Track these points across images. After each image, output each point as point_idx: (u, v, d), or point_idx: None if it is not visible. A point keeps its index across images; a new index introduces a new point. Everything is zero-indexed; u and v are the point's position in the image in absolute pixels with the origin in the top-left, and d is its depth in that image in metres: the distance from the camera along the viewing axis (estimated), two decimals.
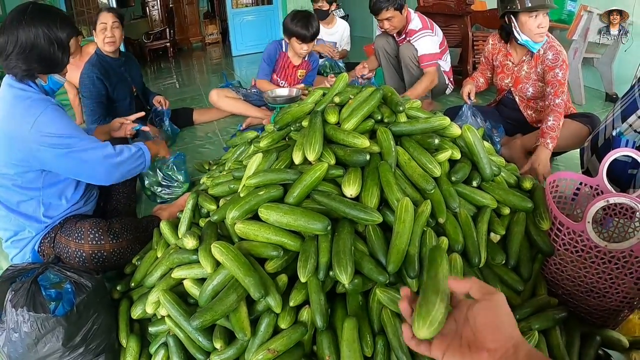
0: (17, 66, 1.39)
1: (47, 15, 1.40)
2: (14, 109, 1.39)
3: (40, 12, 1.40)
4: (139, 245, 1.64)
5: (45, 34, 1.38)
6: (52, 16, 1.41)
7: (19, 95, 1.41)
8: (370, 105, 1.42)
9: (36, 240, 1.60)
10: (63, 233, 1.57)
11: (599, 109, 3.60)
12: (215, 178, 1.67)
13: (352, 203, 1.14)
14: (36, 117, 1.37)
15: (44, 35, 1.38)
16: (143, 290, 1.41)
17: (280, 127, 1.60)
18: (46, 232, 1.60)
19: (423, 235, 1.17)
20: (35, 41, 1.38)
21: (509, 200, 1.38)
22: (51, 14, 1.42)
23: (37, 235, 1.59)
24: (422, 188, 1.26)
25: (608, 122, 1.79)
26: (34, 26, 1.37)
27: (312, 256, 1.11)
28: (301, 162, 1.34)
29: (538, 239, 1.33)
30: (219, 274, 1.15)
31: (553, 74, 2.21)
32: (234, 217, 1.22)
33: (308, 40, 2.92)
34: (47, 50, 1.41)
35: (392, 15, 2.87)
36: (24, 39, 1.36)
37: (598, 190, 1.45)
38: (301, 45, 2.96)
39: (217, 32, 10.26)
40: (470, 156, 1.41)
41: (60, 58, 1.46)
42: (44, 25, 1.38)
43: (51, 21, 1.40)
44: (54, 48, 1.42)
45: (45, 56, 1.42)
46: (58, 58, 1.45)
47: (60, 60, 1.46)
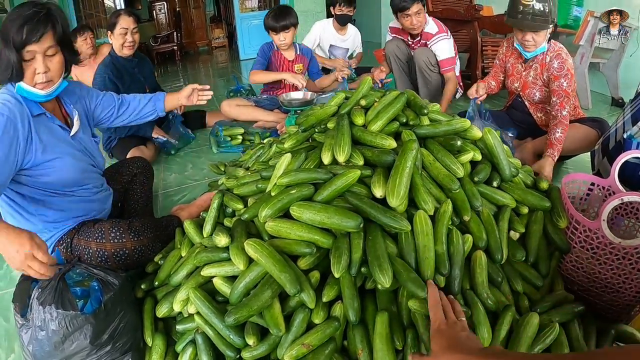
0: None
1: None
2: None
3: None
4: (160, 243, 1.63)
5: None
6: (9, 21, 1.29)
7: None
8: (395, 108, 1.48)
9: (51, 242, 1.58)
10: (81, 236, 1.57)
11: (605, 113, 3.65)
12: (240, 178, 1.71)
13: (383, 209, 1.19)
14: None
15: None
16: (168, 288, 1.41)
17: (305, 128, 1.65)
18: (60, 237, 1.59)
19: (449, 234, 1.23)
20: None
21: (528, 200, 1.43)
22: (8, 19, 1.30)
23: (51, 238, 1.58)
24: (448, 188, 1.31)
25: (619, 125, 1.85)
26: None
27: (345, 252, 1.14)
28: (330, 163, 1.39)
29: (555, 237, 1.38)
30: (252, 271, 1.17)
31: (558, 83, 2.27)
32: (266, 215, 1.25)
33: (279, 30, 3.10)
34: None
35: (419, 9, 2.95)
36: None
37: (610, 190, 1.50)
38: (276, 36, 3.14)
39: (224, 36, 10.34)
40: (490, 158, 1.47)
41: (6, 66, 1.31)
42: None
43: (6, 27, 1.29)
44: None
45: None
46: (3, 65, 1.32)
47: (10, 68, 1.31)
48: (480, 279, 1.19)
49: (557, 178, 2.35)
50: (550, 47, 2.33)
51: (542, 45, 2.30)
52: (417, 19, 2.97)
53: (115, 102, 1.85)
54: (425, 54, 3.06)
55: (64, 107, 1.61)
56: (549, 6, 2.18)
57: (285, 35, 3.13)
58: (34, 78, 1.36)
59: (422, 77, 3.16)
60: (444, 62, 3.03)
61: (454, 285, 1.16)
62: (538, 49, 2.31)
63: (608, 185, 1.51)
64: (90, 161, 1.64)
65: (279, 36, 3.13)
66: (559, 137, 2.20)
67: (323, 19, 4.35)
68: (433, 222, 1.23)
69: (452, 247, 1.20)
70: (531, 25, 2.24)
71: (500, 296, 1.23)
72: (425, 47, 3.11)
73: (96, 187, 1.68)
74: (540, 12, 2.19)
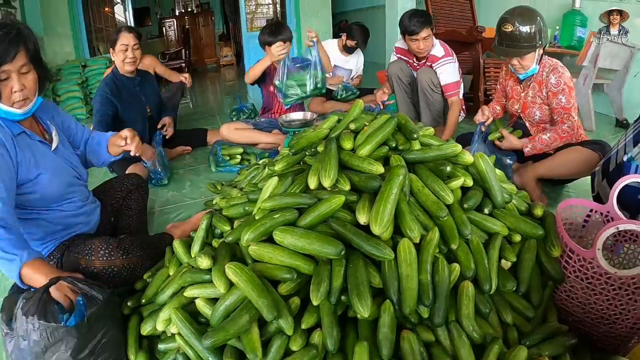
0: None
1: None
2: None
3: None
4: (149, 262, 1.63)
5: None
6: None
7: None
8: (385, 132, 1.46)
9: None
10: (71, 251, 1.56)
11: (609, 134, 3.61)
12: (230, 199, 1.71)
13: (366, 236, 1.17)
14: None
15: None
16: (154, 307, 1.41)
17: (296, 151, 1.64)
18: (50, 252, 1.58)
19: (435, 263, 1.20)
20: None
21: (520, 228, 1.40)
22: None
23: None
24: (435, 215, 1.28)
25: (620, 147, 1.81)
26: None
27: (325, 280, 1.13)
28: (316, 187, 1.37)
29: (549, 266, 1.34)
30: (232, 295, 1.16)
31: (557, 100, 2.25)
32: (248, 239, 1.25)
33: (284, 40, 3.04)
34: None
35: (428, 34, 2.94)
36: None
37: (609, 217, 1.46)
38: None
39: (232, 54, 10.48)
40: (482, 183, 1.44)
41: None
42: None
43: None
44: None
45: None
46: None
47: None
48: (466, 311, 1.16)
49: (558, 201, 2.33)
50: (545, 63, 2.32)
51: (532, 67, 2.29)
52: (425, 43, 2.97)
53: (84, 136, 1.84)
54: (428, 74, 3.04)
55: (40, 124, 1.61)
56: (534, 29, 2.18)
57: (285, 47, 3.07)
58: (11, 97, 1.36)
59: (425, 97, 3.13)
60: (448, 86, 3.01)
61: (438, 317, 1.13)
62: (529, 71, 2.31)
63: (607, 211, 1.47)
64: (75, 173, 1.65)
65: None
66: (545, 139, 2.23)
67: (329, 39, 4.38)
68: (419, 250, 1.20)
69: (437, 276, 1.17)
70: (509, 51, 2.26)
71: (488, 328, 1.19)
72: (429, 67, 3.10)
73: (81, 201, 1.68)
74: (525, 36, 2.19)
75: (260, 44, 3.17)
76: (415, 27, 2.90)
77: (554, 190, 2.46)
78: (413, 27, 2.91)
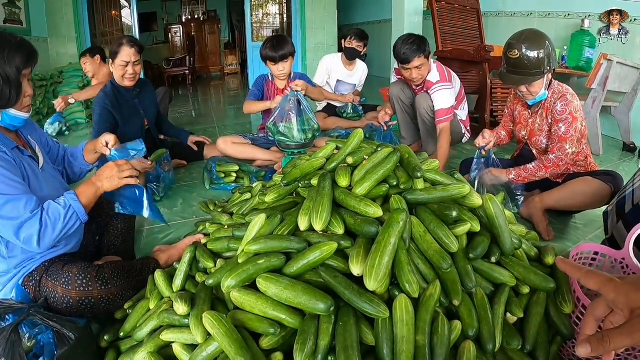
0: None
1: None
2: None
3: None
4: (131, 291, 1.55)
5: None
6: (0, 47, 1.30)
7: None
8: (385, 170, 1.34)
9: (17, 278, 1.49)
10: (50, 277, 1.47)
11: (616, 158, 3.54)
12: (216, 232, 1.60)
13: (359, 291, 1.05)
14: None
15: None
16: (132, 342, 1.34)
17: (288, 182, 1.53)
18: (29, 273, 1.50)
19: (435, 321, 1.07)
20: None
21: (530, 279, 1.27)
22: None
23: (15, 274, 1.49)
24: (438, 266, 1.17)
25: (637, 186, 1.69)
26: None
27: (311, 338, 1.01)
28: (307, 229, 1.26)
29: (558, 322, 1.22)
30: (210, 345, 1.07)
31: (557, 127, 2.15)
32: (229, 286, 1.14)
33: (277, 60, 3.01)
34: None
35: (422, 63, 2.76)
36: None
37: (624, 264, 1.34)
38: (275, 66, 3.05)
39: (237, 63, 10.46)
40: (490, 228, 1.32)
41: (8, 94, 1.33)
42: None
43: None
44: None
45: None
46: (5, 95, 1.32)
47: (8, 95, 1.33)
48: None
49: (567, 233, 2.22)
50: (554, 89, 2.21)
51: (541, 93, 2.18)
52: (418, 72, 2.81)
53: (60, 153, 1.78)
54: (427, 101, 2.92)
55: (22, 139, 1.54)
56: (542, 54, 2.07)
57: (284, 65, 3.05)
58: (23, 102, 1.40)
59: (424, 124, 3.02)
60: (440, 112, 2.84)
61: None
62: (537, 97, 2.20)
63: (622, 258, 1.35)
64: (61, 191, 1.54)
65: (278, 66, 3.05)
66: (530, 168, 2.19)
67: (333, 53, 4.30)
68: (417, 306, 1.08)
69: (436, 337, 1.04)
70: (515, 78, 2.15)
71: None
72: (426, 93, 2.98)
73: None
74: (533, 62, 2.08)
75: (262, 58, 3.10)
76: (406, 55, 2.71)
77: (561, 221, 2.34)
78: (404, 56, 2.73)
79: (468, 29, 4.67)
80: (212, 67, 10.60)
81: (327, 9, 7.56)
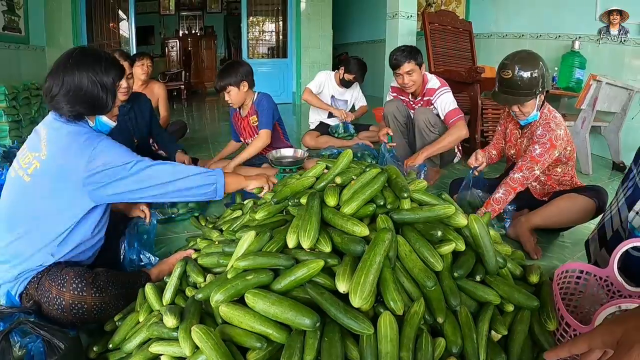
0: (63, 107, 1.43)
1: (92, 59, 1.47)
2: (71, 145, 1.42)
3: (84, 56, 1.46)
4: (122, 301, 1.55)
5: (89, 76, 1.44)
6: (97, 60, 1.48)
7: (75, 131, 1.45)
8: (372, 189, 1.37)
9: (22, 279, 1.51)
10: (49, 276, 1.48)
11: (606, 178, 3.58)
12: (206, 247, 1.62)
13: (344, 307, 1.07)
14: (91, 151, 1.41)
15: (88, 78, 1.44)
16: (121, 354, 1.34)
17: (278, 200, 1.55)
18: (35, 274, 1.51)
19: (419, 337, 1.09)
20: (79, 83, 1.43)
21: (514, 298, 1.29)
22: (96, 57, 1.48)
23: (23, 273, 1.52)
24: (422, 284, 1.19)
25: (614, 213, 1.71)
26: (77, 69, 1.43)
27: (297, 353, 1.03)
28: (295, 246, 1.28)
29: (542, 339, 1.25)
30: (198, 358, 1.09)
31: (532, 148, 2.17)
32: (218, 300, 1.16)
33: (219, 91, 2.89)
34: (91, 92, 1.46)
35: (412, 69, 2.86)
36: (69, 82, 1.42)
37: (608, 281, 1.38)
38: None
39: None
40: (475, 248, 1.35)
41: (105, 100, 1.50)
42: (89, 69, 1.44)
43: (96, 64, 1.46)
44: (97, 90, 1.46)
45: (89, 98, 1.46)
46: (103, 100, 1.49)
47: (105, 102, 1.50)
48: None
49: (554, 252, 2.24)
50: (543, 115, 2.23)
51: (533, 114, 2.20)
52: (410, 77, 2.89)
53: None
54: (426, 114, 2.96)
55: None
56: (535, 74, 2.09)
57: (228, 96, 2.89)
58: (113, 110, 1.59)
59: (422, 138, 3.04)
60: (450, 113, 2.89)
61: None
62: (530, 117, 2.22)
63: (606, 276, 1.38)
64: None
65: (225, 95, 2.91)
66: (498, 198, 2.19)
67: (328, 70, 4.35)
68: (401, 323, 1.10)
69: (420, 353, 1.06)
70: (508, 98, 2.18)
71: None
72: (427, 105, 3.02)
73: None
74: (526, 82, 2.10)
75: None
76: (397, 60, 2.85)
77: (548, 239, 2.36)
78: (395, 61, 2.87)
79: (460, 50, 4.75)
80: (208, 82, 10.64)
81: (322, 28, 7.67)
